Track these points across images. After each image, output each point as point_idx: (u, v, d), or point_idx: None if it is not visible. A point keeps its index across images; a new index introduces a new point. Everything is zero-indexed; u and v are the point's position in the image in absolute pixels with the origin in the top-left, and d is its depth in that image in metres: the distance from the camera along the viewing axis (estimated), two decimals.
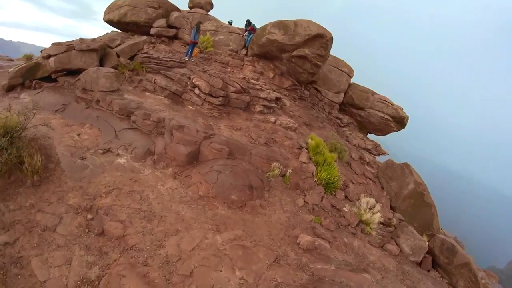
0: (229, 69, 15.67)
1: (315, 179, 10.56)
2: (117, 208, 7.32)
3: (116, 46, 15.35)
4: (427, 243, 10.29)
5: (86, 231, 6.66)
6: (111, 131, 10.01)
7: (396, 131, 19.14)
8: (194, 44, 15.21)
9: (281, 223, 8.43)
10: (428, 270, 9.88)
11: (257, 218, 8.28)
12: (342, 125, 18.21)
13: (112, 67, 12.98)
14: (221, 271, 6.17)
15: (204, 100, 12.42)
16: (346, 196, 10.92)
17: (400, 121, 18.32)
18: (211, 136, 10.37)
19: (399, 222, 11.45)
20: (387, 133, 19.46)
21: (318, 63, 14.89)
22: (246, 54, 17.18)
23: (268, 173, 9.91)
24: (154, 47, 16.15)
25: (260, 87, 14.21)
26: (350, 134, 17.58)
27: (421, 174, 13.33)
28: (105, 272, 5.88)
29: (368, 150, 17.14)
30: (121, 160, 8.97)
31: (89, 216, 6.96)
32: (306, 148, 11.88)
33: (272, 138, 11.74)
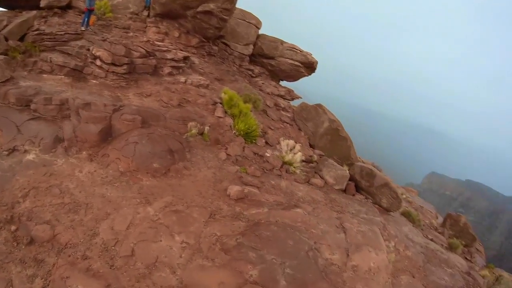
0: (131, 34, 14.69)
1: (234, 131, 10.67)
2: (39, 209, 6.61)
3: (3, 28, 13.44)
4: (347, 171, 11.08)
5: (15, 244, 5.97)
6: (12, 127, 8.66)
7: (307, 76, 19.76)
8: (90, 11, 13.70)
9: (208, 179, 8.47)
10: (353, 195, 10.71)
11: (183, 181, 8.22)
12: (254, 75, 18.38)
13: (1, 54, 11.39)
14: (160, 241, 6.12)
15: (107, 71, 11.57)
16: (266, 142, 11.22)
17: (309, 66, 18.97)
18: (121, 108, 9.82)
19: (320, 157, 12.12)
20: (299, 78, 20.13)
21: (225, 17, 14.64)
22: (148, 16, 16.16)
23: (186, 134, 9.81)
24: (46, 21, 14.31)
25: (166, 48, 13.65)
26: (263, 83, 17.84)
27: (335, 112, 14.05)
28: (48, 280, 5.42)
29: (282, 96, 17.64)
30: (30, 157, 7.97)
31: (12, 228, 6.20)
32: (221, 103, 11.85)
33: (184, 99, 11.50)
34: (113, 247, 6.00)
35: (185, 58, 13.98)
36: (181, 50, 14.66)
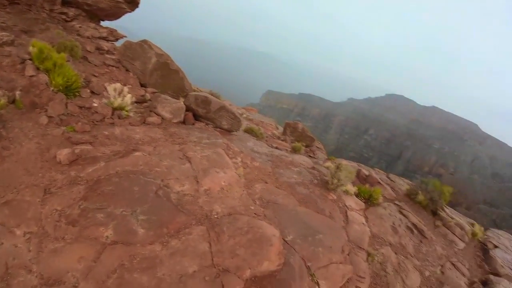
0: None
1: (52, 88, 9.52)
2: None
3: None
4: (183, 103, 11.14)
5: None
6: None
7: (131, 12, 18.31)
8: None
9: (33, 152, 7.43)
10: (193, 124, 10.91)
11: (5, 164, 7.03)
12: (69, 19, 16.13)
13: None
14: (2, 243, 5.16)
15: None
16: (92, 92, 10.36)
17: (131, 1, 17.41)
18: None
19: (153, 94, 11.87)
20: (121, 16, 18.46)
21: None
22: None
23: None
24: None
25: None
26: (80, 27, 15.88)
27: (169, 47, 13.63)
28: None
29: (105, 38, 16.10)
30: None
31: None
32: (30, 59, 10.26)
33: None
34: None
35: None
36: None
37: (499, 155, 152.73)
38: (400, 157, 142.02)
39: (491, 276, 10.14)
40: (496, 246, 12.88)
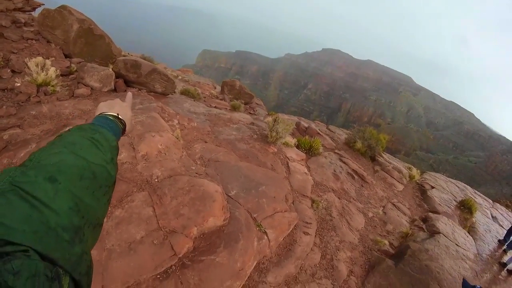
0: None
1: None
2: None
3: None
4: (111, 69, 10.55)
5: None
6: None
7: None
8: None
9: None
10: (125, 91, 10.44)
11: None
12: None
13: None
14: None
15: None
16: (13, 71, 9.49)
17: None
18: None
19: (79, 64, 11.12)
20: None
21: None
22: None
23: None
24: None
25: None
26: None
27: (88, 9, 12.66)
28: None
29: (20, 9, 14.71)
30: None
31: None
32: None
33: None
34: None
35: None
36: None
37: (432, 106, 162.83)
38: (340, 109, 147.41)
39: (430, 214, 10.97)
40: (433, 187, 13.87)
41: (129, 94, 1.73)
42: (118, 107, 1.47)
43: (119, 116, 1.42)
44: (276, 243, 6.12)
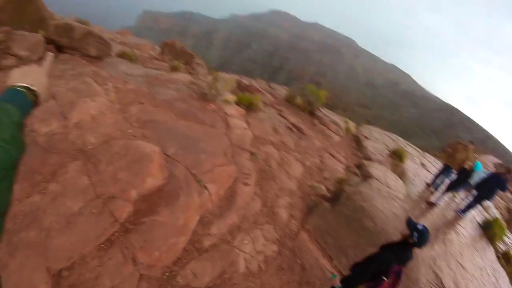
0: None
1: None
2: None
3: None
4: (40, 35, 9.86)
5: None
6: None
7: None
8: None
9: None
10: (56, 57, 9.80)
11: None
12: None
13: None
14: None
15: None
16: None
17: None
18: None
19: (7, 33, 10.26)
20: None
21: None
22: None
23: None
24: None
25: None
26: None
27: None
28: None
29: None
30: None
31: None
32: None
33: None
34: None
35: None
36: None
37: (373, 67, 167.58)
38: (282, 68, 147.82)
39: (364, 161, 11.60)
40: (367, 138, 14.58)
41: (50, 55, 1.55)
42: (32, 76, 1.33)
43: (31, 87, 1.28)
44: (218, 196, 6.26)
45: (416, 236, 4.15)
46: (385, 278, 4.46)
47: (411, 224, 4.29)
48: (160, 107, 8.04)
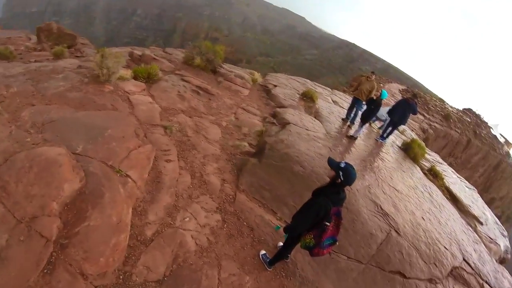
0: None
1: None
2: None
3: None
4: None
5: None
6: None
7: None
8: None
9: None
10: None
11: None
12: None
13: None
14: None
15: None
16: None
17: None
18: None
19: None
20: None
21: None
22: None
23: None
24: None
25: None
26: None
27: None
28: None
29: None
30: None
31: None
32: None
33: None
34: None
35: None
36: None
37: (266, 14, 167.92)
38: (175, 30, 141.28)
39: (278, 109, 11.78)
40: (276, 86, 14.74)
41: None
42: None
43: None
44: (143, 181, 5.89)
45: (342, 175, 4.23)
46: (327, 223, 4.56)
47: (333, 164, 4.35)
48: (53, 103, 7.10)
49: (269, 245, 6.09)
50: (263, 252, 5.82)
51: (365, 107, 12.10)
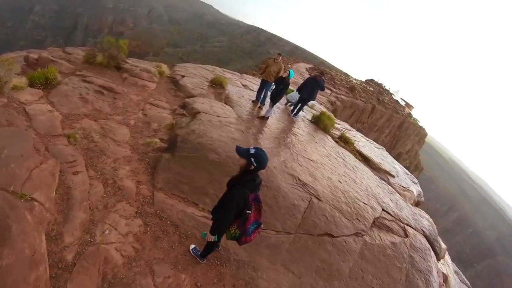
0: None
1: None
2: None
3: None
4: None
5: None
6: None
7: None
8: None
9: None
10: None
11: None
12: None
13: None
14: None
15: None
16: None
17: None
18: None
19: None
20: None
21: None
22: None
23: None
24: None
25: None
26: None
27: None
28: None
29: None
30: None
31: None
32: None
33: None
34: None
35: None
36: None
37: (173, 4, 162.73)
38: (76, 27, 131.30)
39: (187, 99, 11.61)
40: (184, 76, 14.51)
41: None
42: None
43: None
44: (51, 202, 5.36)
45: (254, 161, 4.26)
46: (249, 212, 4.64)
47: (242, 152, 4.35)
48: None
49: (197, 237, 6.05)
50: (192, 246, 5.77)
51: (273, 88, 12.49)
